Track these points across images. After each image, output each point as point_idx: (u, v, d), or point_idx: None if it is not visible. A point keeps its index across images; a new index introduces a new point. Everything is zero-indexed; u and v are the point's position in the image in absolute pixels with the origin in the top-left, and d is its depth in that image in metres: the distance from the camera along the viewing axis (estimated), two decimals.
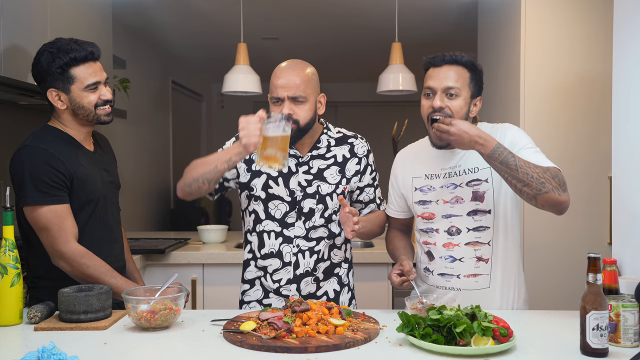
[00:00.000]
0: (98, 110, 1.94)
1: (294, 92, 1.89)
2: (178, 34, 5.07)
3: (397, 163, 2.10)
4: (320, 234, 2.00)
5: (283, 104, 1.90)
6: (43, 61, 1.90)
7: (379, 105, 7.20)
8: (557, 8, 3.05)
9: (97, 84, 1.92)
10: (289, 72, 1.92)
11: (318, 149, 2.01)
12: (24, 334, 1.69)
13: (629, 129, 1.97)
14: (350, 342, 1.55)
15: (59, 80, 1.90)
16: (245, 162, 2.03)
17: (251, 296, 2.06)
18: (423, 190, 1.99)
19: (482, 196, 1.91)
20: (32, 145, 1.88)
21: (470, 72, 1.89)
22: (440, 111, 1.86)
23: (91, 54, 1.91)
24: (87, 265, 1.86)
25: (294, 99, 1.90)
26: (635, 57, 1.93)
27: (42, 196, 1.84)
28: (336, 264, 2.05)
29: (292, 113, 1.89)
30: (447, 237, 1.95)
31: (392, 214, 2.12)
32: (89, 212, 1.96)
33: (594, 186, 3.01)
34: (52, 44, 1.92)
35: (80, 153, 1.96)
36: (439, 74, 1.88)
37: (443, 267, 1.97)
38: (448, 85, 1.86)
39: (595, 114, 3.00)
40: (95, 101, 1.93)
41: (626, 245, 1.94)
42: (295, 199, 1.97)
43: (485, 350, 1.46)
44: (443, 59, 1.89)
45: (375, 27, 4.60)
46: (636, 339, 1.55)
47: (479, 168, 1.92)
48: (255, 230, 2.03)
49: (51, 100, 1.93)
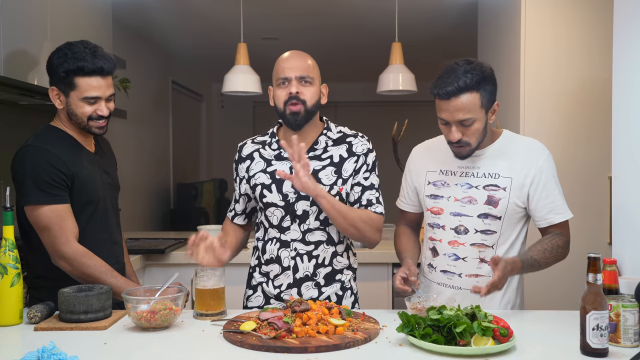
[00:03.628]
0: (90, 122, 1.93)
1: (302, 72, 1.92)
2: (178, 34, 5.07)
3: (413, 156, 2.12)
4: (319, 238, 1.97)
5: (290, 84, 1.92)
6: (55, 60, 1.91)
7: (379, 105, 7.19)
8: (557, 9, 3.05)
9: (97, 99, 1.91)
10: (296, 56, 1.97)
11: (315, 151, 1.99)
12: (24, 334, 1.69)
13: (629, 130, 1.97)
14: (350, 342, 1.55)
15: (61, 83, 1.91)
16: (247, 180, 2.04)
17: (253, 302, 2.06)
18: (436, 184, 2.00)
19: (496, 202, 1.91)
20: (34, 145, 1.89)
21: (479, 91, 1.80)
22: (459, 142, 1.86)
23: (100, 69, 1.89)
24: (87, 265, 1.86)
25: (301, 79, 1.92)
26: (635, 58, 1.93)
27: (44, 196, 1.85)
28: (338, 271, 2.02)
29: (300, 92, 1.91)
30: (453, 234, 1.95)
31: (403, 207, 2.13)
32: (90, 213, 1.96)
33: (594, 186, 3.00)
34: (70, 46, 1.92)
35: (81, 154, 1.97)
36: (448, 107, 1.81)
37: (446, 265, 1.98)
38: (460, 119, 1.81)
39: (596, 115, 3.00)
40: (90, 114, 1.92)
41: (626, 245, 1.95)
42: (289, 202, 1.96)
43: (485, 350, 1.46)
44: (446, 92, 1.79)
45: (375, 27, 4.59)
46: (636, 339, 1.55)
47: (500, 175, 1.92)
48: (261, 239, 2.05)
49: (51, 97, 1.94)
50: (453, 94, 1.79)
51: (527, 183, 1.90)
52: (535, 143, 1.98)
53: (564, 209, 1.93)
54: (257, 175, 2.01)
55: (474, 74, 1.80)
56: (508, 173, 1.91)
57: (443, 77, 1.82)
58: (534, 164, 1.91)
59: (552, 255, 1.89)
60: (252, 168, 2.03)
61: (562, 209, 1.93)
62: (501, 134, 1.99)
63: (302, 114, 1.92)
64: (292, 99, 1.91)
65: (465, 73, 1.80)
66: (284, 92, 1.93)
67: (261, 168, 2.01)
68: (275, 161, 2.01)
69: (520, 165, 1.91)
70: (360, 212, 1.95)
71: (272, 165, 2.00)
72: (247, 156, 2.06)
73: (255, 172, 2.02)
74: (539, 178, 1.90)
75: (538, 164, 1.91)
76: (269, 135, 2.06)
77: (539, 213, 1.92)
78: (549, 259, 1.89)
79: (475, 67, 1.82)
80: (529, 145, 1.96)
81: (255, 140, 2.09)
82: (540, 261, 1.87)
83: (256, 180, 2.01)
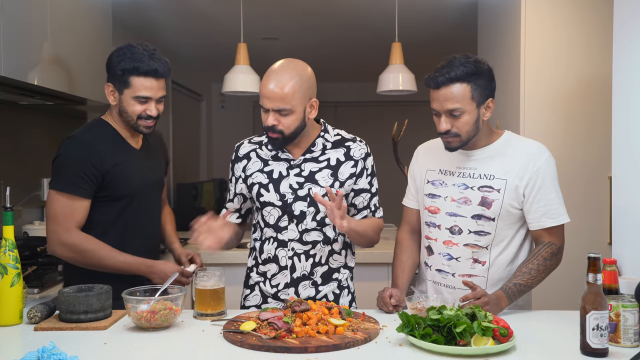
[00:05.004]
0: (139, 121, 2.01)
1: (278, 105, 1.88)
2: (178, 34, 5.07)
3: (416, 154, 2.14)
4: (315, 238, 1.98)
5: (268, 114, 1.91)
6: (115, 58, 1.99)
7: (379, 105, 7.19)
8: (556, 8, 3.05)
9: (148, 99, 1.99)
10: (276, 82, 1.87)
11: (312, 152, 2.00)
12: (24, 334, 1.70)
13: (629, 129, 1.97)
14: (350, 342, 1.55)
15: (117, 80, 1.98)
16: (243, 179, 2.05)
17: (251, 301, 2.06)
18: (435, 184, 2.00)
19: (490, 204, 1.90)
20: (76, 136, 1.99)
21: (470, 83, 1.83)
22: (447, 133, 1.87)
23: (154, 71, 1.97)
24: (87, 250, 1.92)
25: (278, 112, 1.89)
26: (635, 57, 1.93)
27: (67, 185, 1.92)
28: (335, 269, 2.03)
29: (277, 123, 1.90)
30: (448, 234, 1.96)
31: (409, 204, 2.14)
32: (121, 207, 2.02)
33: (594, 186, 3.00)
34: (130, 47, 1.99)
35: (123, 149, 2.04)
36: (438, 96, 1.86)
37: (440, 264, 1.99)
38: (449, 108, 1.84)
39: (596, 114, 3.00)
40: (140, 112, 2.00)
41: (626, 245, 1.95)
42: (286, 202, 1.97)
43: (485, 350, 1.46)
44: (436, 81, 1.84)
45: (375, 27, 4.59)
46: (636, 339, 1.55)
47: (495, 176, 1.92)
48: (258, 239, 2.06)
49: (106, 93, 2.03)
50: (443, 84, 1.84)
51: (522, 185, 1.89)
52: (536, 145, 1.96)
53: (559, 214, 1.91)
54: (255, 175, 2.02)
55: (467, 67, 1.83)
56: (503, 175, 1.91)
57: (438, 69, 1.87)
58: (531, 166, 1.90)
59: (539, 273, 1.88)
60: (249, 167, 2.04)
61: (557, 214, 1.90)
62: (502, 135, 1.98)
63: (280, 140, 1.93)
64: (269, 129, 1.92)
65: (459, 65, 1.84)
66: (264, 117, 1.93)
67: (258, 168, 2.02)
68: (272, 161, 2.01)
69: (517, 167, 1.90)
70: (372, 223, 2.03)
71: (268, 165, 2.01)
72: (243, 156, 2.07)
73: (252, 172, 2.03)
74: (534, 180, 1.89)
75: (535, 166, 1.90)
76: (266, 135, 2.06)
77: (532, 216, 1.91)
78: (537, 277, 1.88)
79: (470, 61, 1.85)
80: (528, 147, 1.95)
81: (252, 140, 2.10)
82: (528, 284, 1.87)
83: (253, 180, 2.02)
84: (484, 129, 1.93)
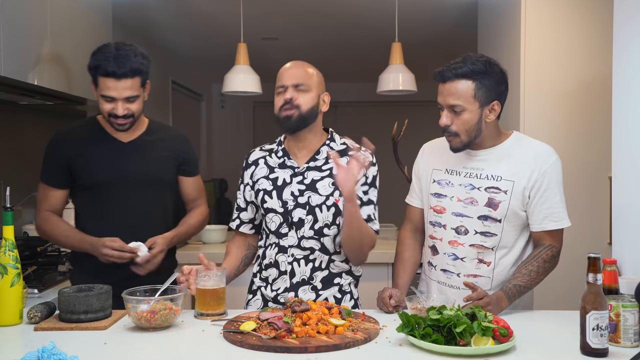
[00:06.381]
0: (111, 119, 2.06)
1: (297, 80, 1.95)
2: (178, 33, 5.06)
3: (421, 153, 2.13)
4: (312, 245, 1.97)
5: (286, 91, 1.95)
6: (91, 56, 2.05)
7: (379, 105, 7.19)
8: (556, 8, 3.05)
9: (113, 99, 2.02)
10: (295, 65, 2.01)
11: (316, 161, 2.00)
12: (24, 334, 1.70)
13: (629, 129, 1.97)
14: (350, 342, 1.55)
15: (92, 78, 2.06)
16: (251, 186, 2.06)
17: (252, 306, 2.06)
18: (441, 183, 2.00)
19: (496, 205, 1.90)
20: (56, 132, 2.16)
21: (475, 82, 1.83)
22: (447, 129, 1.88)
23: (113, 73, 1.99)
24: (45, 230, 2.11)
25: (296, 86, 1.95)
26: (635, 58, 1.93)
27: (43, 174, 2.13)
28: (336, 274, 2.01)
29: (294, 98, 1.93)
30: (454, 234, 1.95)
31: (412, 203, 2.14)
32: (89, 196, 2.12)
33: (594, 186, 3.00)
34: (104, 47, 2.05)
35: (97, 142, 2.12)
36: (443, 90, 1.87)
37: (445, 264, 1.98)
38: (450, 104, 1.85)
39: (596, 114, 3.00)
40: (109, 111, 2.04)
41: (626, 245, 1.95)
42: (287, 209, 1.97)
43: (485, 350, 1.46)
44: (443, 76, 1.86)
45: (375, 27, 4.59)
46: (636, 339, 1.55)
47: (502, 178, 1.91)
48: (262, 246, 2.07)
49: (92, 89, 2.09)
50: (449, 79, 1.85)
51: (529, 186, 1.89)
52: (544, 147, 1.95)
53: (561, 217, 1.91)
54: (260, 181, 2.03)
55: (475, 65, 1.84)
56: (511, 176, 1.90)
57: (449, 64, 1.88)
58: (539, 167, 1.89)
59: (538, 275, 1.89)
60: (256, 174, 2.05)
61: (559, 217, 1.91)
62: (510, 135, 1.97)
63: (294, 118, 1.93)
64: (286, 104, 1.94)
65: (469, 63, 1.84)
66: (280, 99, 1.96)
67: (264, 174, 2.03)
68: (278, 169, 2.02)
69: (525, 168, 1.90)
70: (368, 228, 1.95)
71: (274, 172, 2.02)
72: (252, 162, 2.09)
73: (258, 178, 2.04)
74: (541, 182, 1.89)
75: (543, 167, 1.89)
76: (277, 144, 2.09)
77: (534, 217, 1.91)
78: (535, 279, 1.89)
79: (481, 60, 1.86)
80: (536, 149, 1.94)
81: (264, 148, 2.12)
82: (527, 285, 1.88)
83: (259, 186, 2.03)
84: (489, 130, 1.92)
